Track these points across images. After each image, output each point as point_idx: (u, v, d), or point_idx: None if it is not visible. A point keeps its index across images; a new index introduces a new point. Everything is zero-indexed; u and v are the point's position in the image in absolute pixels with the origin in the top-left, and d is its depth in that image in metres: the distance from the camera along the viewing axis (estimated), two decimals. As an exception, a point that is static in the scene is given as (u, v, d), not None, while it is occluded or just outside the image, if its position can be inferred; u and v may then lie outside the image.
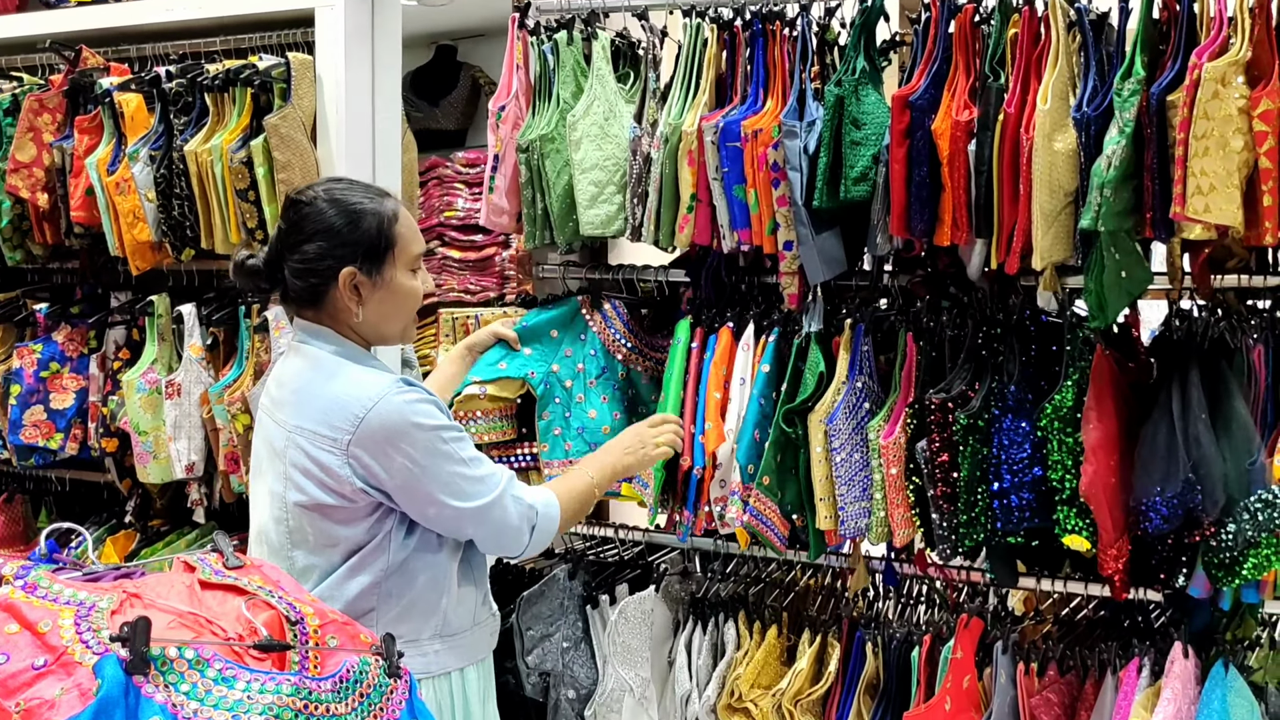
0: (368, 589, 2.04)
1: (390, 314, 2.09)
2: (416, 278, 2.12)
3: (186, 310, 3.13)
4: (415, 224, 2.12)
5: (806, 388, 2.46)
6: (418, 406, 2.00)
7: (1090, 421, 2.23)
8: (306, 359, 2.07)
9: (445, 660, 2.10)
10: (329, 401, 2.00)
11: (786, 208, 2.44)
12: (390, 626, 2.03)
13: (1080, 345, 2.28)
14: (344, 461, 1.98)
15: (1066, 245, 2.28)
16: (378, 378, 2.02)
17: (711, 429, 2.50)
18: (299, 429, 2.03)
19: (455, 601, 2.10)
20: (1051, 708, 2.30)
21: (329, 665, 1.56)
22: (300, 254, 2.03)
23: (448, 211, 4.30)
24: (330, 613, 1.65)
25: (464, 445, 2.04)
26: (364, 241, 2.03)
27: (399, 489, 2.00)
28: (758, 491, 2.47)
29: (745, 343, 2.54)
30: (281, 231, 2.07)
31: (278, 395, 2.11)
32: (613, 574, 2.84)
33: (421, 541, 2.06)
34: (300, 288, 2.06)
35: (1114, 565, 2.25)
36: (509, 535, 2.07)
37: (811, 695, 2.48)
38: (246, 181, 2.94)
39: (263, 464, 2.13)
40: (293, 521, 2.05)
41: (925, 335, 2.44)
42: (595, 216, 2.63)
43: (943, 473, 2.31)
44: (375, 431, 1.97)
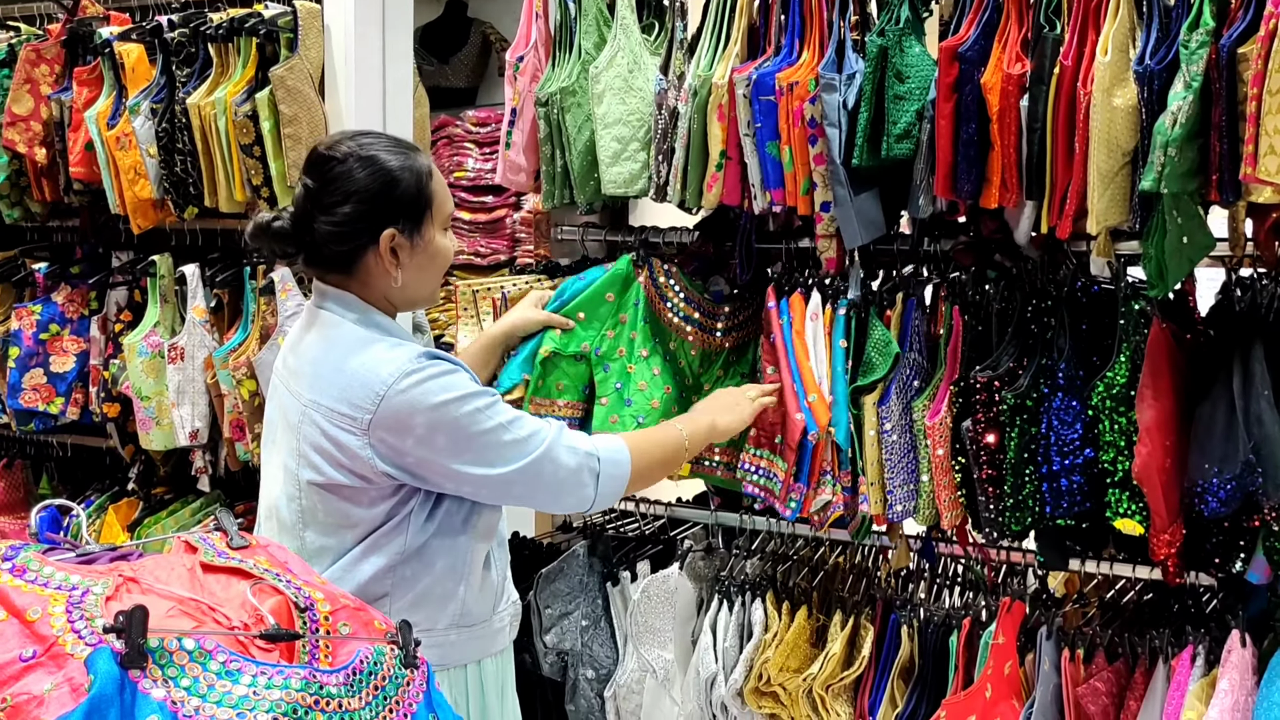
0: (381, 572, 1.92)
1: (425, 277, 1.97)
2: (448, 237, 2.00)
3: (190, 271, 3.01)
4: (443, 180, 2.00)
5: (874, 368, 2.31)
6: (444, 380, 1.88)
7: (1145, 400, 2.10)
8: (326, 327, 1.94)
9: (462, 651, 1.98)
10: (349, 377, 1.87)
11: (823, 166, 2.30)
12: (404, 614, 1.91)
13: (1136, 317, 2.15)
14: (365, 443, 1.86)
15: (1123, 208, 2.14)
16: (400, 351, 1.89)
17: (817, 400, 2.32)
18: (315, 404, 1.90)
19: (475, 590, 1.99)
20: (1099, 697, 2.19)
21: (341, 655, 1.45)
22: (333, 215, 1.89)
23: (457, 172, 4.18)
24: (342, 597, 1.53)
25: (498, 409, 1.90)
26: (403, 201, 1.90)
27: (433, 468, 1.87)
28: (863, 478, 2.33)
29: (813, 312, 2.38)
30: (310, 190, 1.92)
31: (294, 364, 1.98)
32: (633, 550, 2.73)
33: (442, 525, 1.94)
34: (335, 252, 1.92)
35: (1166, 550, 2.13)
36: (569, 489, 1.93)
37: (844, 680, 2.37)
38: (251, 136, 2.82)
39: (276, 435, 2.01)
40: (305, 500, 1.94)
41: (970, 307, 2.30)
42: (618, 175, 2.50)
43: (988, 455, 2.18)
44: (400, 409, 1.84)
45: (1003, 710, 2.26)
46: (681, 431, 2.12)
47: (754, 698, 2.42)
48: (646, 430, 2.12)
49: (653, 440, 2.08)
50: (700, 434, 2.16)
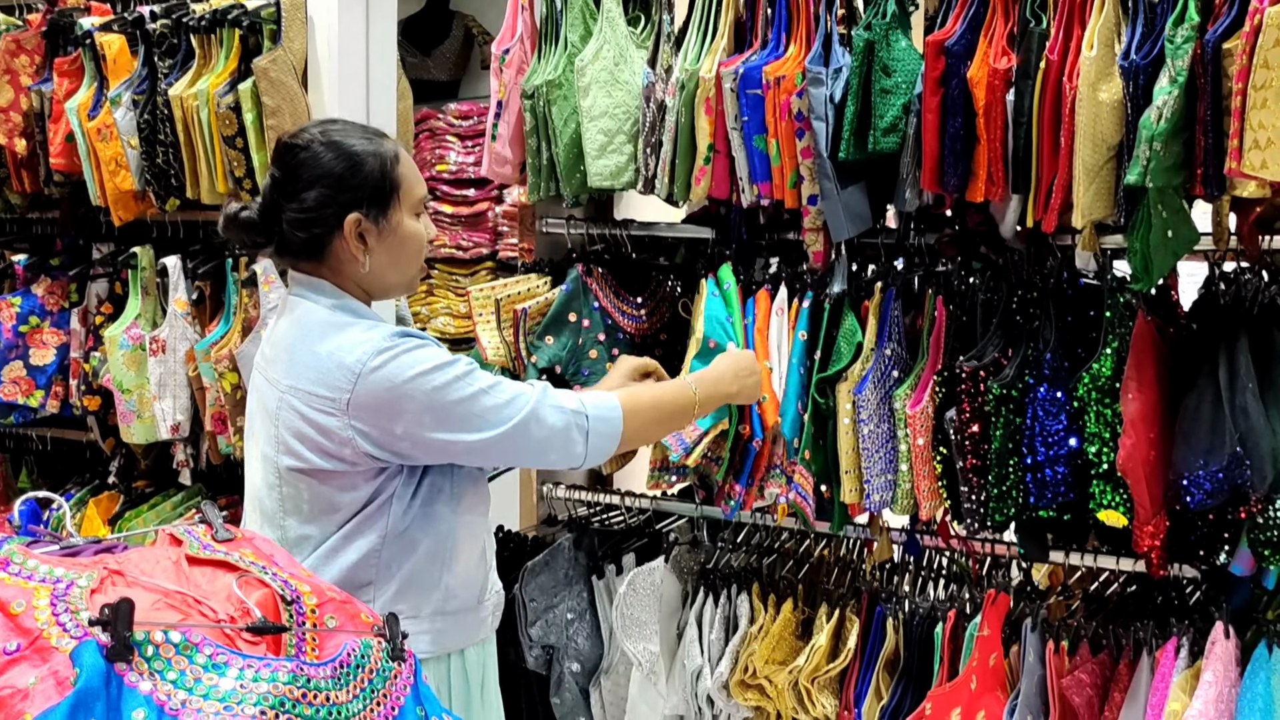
0: (365, 558, 1.91)
1: (396, 262, 1.95)
2: (420, 222, 1.98)
3: (171, 263, 2.98)
4: (415, 165, 1.99)
5: (841, 356, 2.33)
6: (419, 353, 1.87)
7: (1130, 392, 2.11)
8: (300, 315, 1.93)
9: (446, 640, 1.98)
10: (325, 360, 1.87)
11: (811, 160, 2.30)
12: (390, 603, 1.91)
13: (1121, 310, 2.16)
14: (346, 424, 1.85)
15: (1108, 202, 2.15)
16: (375, 331, 1.89)
17: (768, 401, 2.35)
18: (292, 389, 1.89)
19: (459, 576, 1.98)
20: (1083, 688, 2.20)
21: (328, 648, 1.44)
22: (299, 203, 1.89)
23: (439, 165, 4.17)
24: (328, 590, 1.52)
25: (476, 375, 1.89)
26: (367, 186, 1.90)
27: (418, 442, 1.86)
28: (800, 467, 2.34)
29: (778, 307, 2.40)
30: (276, 180, 1.93)
31: (270, 353, 1.97)
32: (619, 543, 2.73)
33: (425, 507, 1.93)
34: (301, 239, 1.92)
35: (1150, 542, 2.14)
36: (556, 446, 1.91)
37: (829, 672, 2.37)
38: (234, 128, 2.79)
39: (255, 425, 2.00)
40: (286, 488, 1.93)
41: (955, 298, 2.31)
42: (604, 167, 2.49)
43: (973, 444, 2.19)
44: (377, 386, 1.84)
45: (988, 702, 2.26)
46: (693, 391, 2.08)
47: (739, 690, 2.43)
48: (652, 386, 2.09)
49: (656, 398, 2.04)
50: (710, 395, 2.11)
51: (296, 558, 1.93)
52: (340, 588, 1.90)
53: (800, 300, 2.39)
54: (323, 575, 1.91)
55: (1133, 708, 2.17)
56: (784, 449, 2.36)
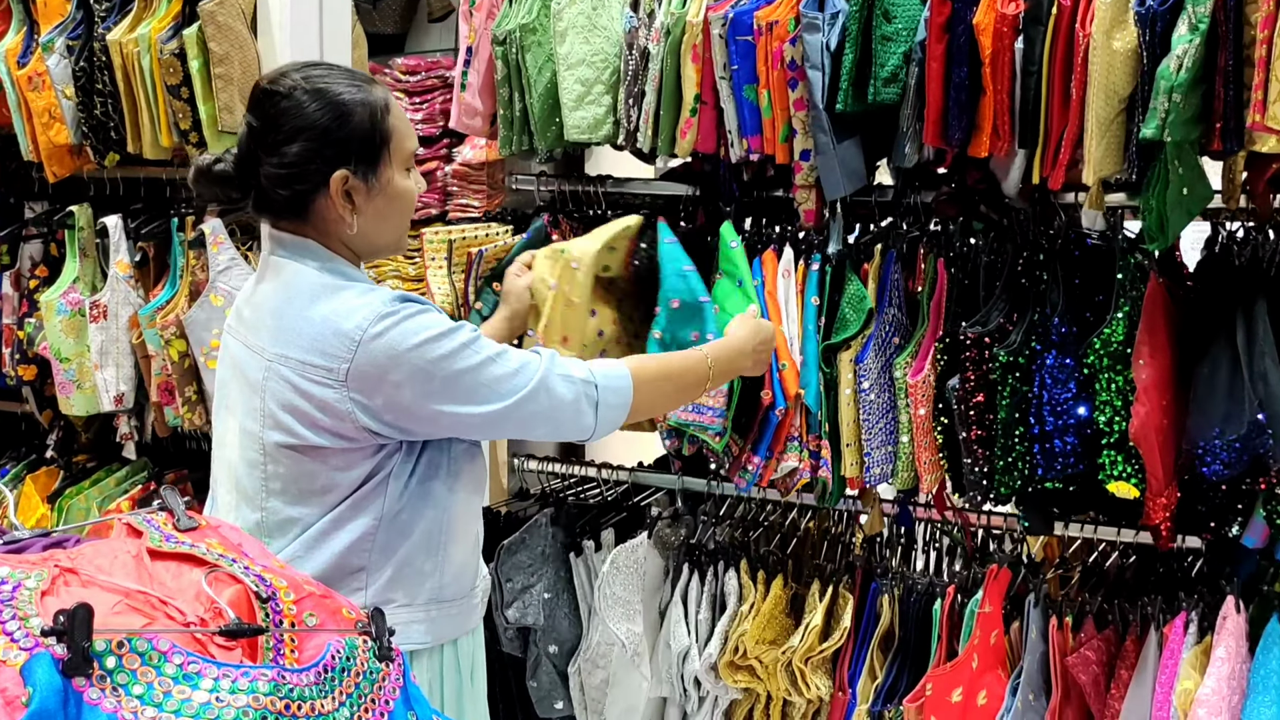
0: (359, 541, 1.76)
1: (386, 222, 1.79)
2: (410, 177, 1.82)
3: (111, 222, 2.79)
4: (405, 115, 1.82)
5: (848, 324, 2.20)
6: (422, 318, 1.71)
7: (1142, 357, 2.01)
8: (286, 277, 1.76)
9: (441, 629, 1.84)
10: (320, 326, 1.70)
11: (804, 111, 2.17)
12: (384, 591, 1.77)
13: (1133, 271, 2.06)
14: (344, 395, 1.69)
15: (1118, 157, 2.05)
16: (373, 295, 1.73)
17: (788, 368, 2.21)
18: (282, 358, 1.72)
19: (455, 561, 1.84)
20: (1089, 666, 2.12)
21: (309, 651, 1.29)
22: (280, 156, 1.71)
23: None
24: (306, 583, 1.37)
25: (482, 344, 1.75)
26: (355, 139, 1.72)
27: (421, 414, 1.71)
28: (825, 441, 2.21)
29: (785, 269, 2.26)
30: (254, 129, 1.74)
31: (251, 317, 1.80)
32: (596, 518, 2.60)
33: (422, 486, 1.79)
34: (282, 197, 1.74)
35: (1163, 514, 2.05)
36: (566, 419, 1.78)
37: (823, 652, 2.27)
38: (179, 76, 2.60)
39: (231, 397, 1.83)
40: (272, 466, 1.76)
41: (956, 261, 2.19)
42: (582, 119, 2.33)
43: (978, 414, 2.09)
44: (378, 355, 1.68)
45: (989, 680, 2.18)
46: (707, 360, 1.95)
47: (729, 671, 2.31)
48: (663, 355, 1.96)
49: (666, 367, 1.92)
50: (724, 367, 1.98)
51: (280, 543, 1.79)
52: (330, 575, 1.76)
53: (807, 262, 2.26)
54: (310, 562, 1.77)
55: (1141, 686, 2.09)
56: (804, 420, 2.22)
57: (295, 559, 1.79)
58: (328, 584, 1.80)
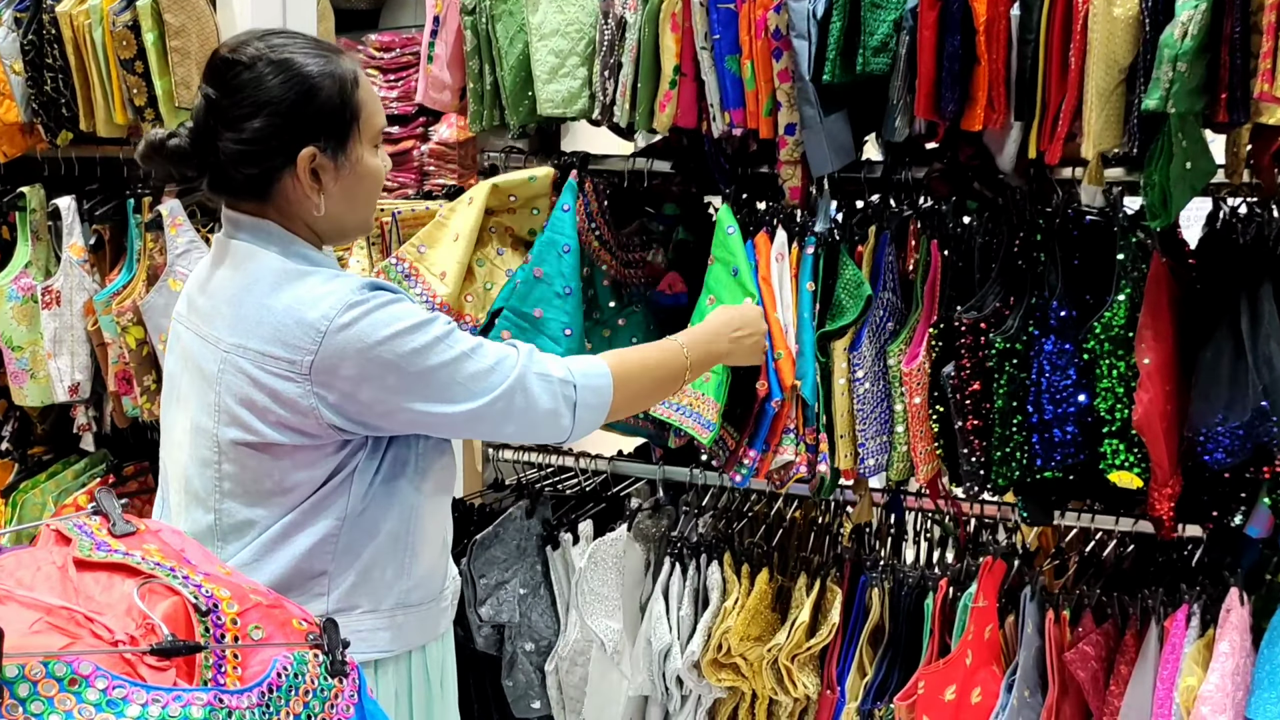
0: (320, 544, 1.65)
1: (354, 202, 1.67)
2: (378, 155, 1.71)
3: (64, 204, 2.66)
4: (373, 89, 1.71)
5: (844, 311, 2.09)
6: (394, 309, 1.60)
7: (1145, 341, 1.91)
8: (243, 260, 1.65)
9: (409, 635, 1.73)
10: (282, 315, 1.58)
11: (789, 84, 2.06)
12: (348, 595, 1.66)
13: (1135, 250, 1.96)
14: (308, 390, 1.58)
15: (1118, 130, 1.95)
16: (340, 283, 1.61)
17: (784, 358, 2.10)
18: (240, 349, 1.61)
19: (423, 562, 1.74)
20: (1087, 662, 2.03)
21: (253, 668, 1.19)
22: (240, 132, 1.59)
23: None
24: (253, 592, 1.26)
25: (458, 336, 1.64)
26: (323, 115, 1.61)
27: (389, 411, 1.61)
28: (824, 434, 2.11)
29: (778, 252, 2.14)
30: (212, 102, 1.61)
31: (205, 305, 1.68)
32: (574, 509, 2.49)
33: (387, 483, 1.68)
34: (243, 176, 1.62)
35: (1167, 505, 1.96)
36: (542, 421, 1.68)
37: (810, 649, 2.17)
38: (133, 50, 2.48)
39: (181, 390, 1.71)
40: (227, 465, 1.65)
41: (950, 242, 2.09)
42: (555, 93, 2.22)
43: (974, 403, 1.99)
44: (346, 347, 1.57)
45: (983, 677, 2.09)
46: (684, 351, 1.85)
47: (712, 669, 2.22)
48: (639, 349, 1.86)
49: (645, 363, 1.81)
50: (701, 356, 1.89)
51: (235, 547, 1.68)
52: (290, 580, 1.65)
53: (801, 245, 2.15)
54: (268, 567, 1.66)
55: (1141, 682, 2.00)
56: (800, 413, 2.12)
57: (251, 564, 1.68)
58: (287, 589, 1.70)
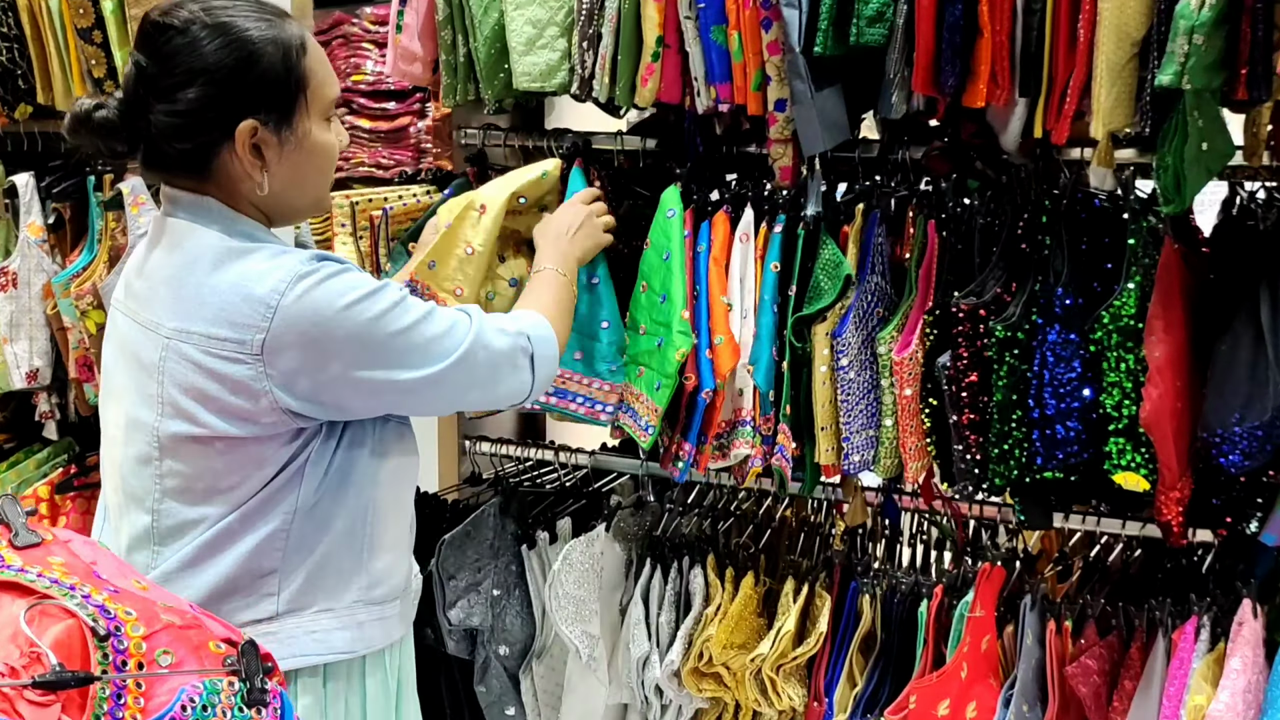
0: (268, 541, 1.55)
1: (302, 180, 1.57)
2: (331, 129, 1.59)
3: (21, 181, 2.54)
4: (325, 56, 1.58)
5: (822, 293, 1.97)
6: (345, 278, 1.51)
7: (1156, 333, 1.78)
8: (182, 239, 1.54)
9: (367, 637, 1.63)
10: (227, 294, 1.48)
11: (779, 56, 1.92)
12: (300, 595, 1.57)
13: (1145, 237, 1.82)
14: (260, 372, 1.47)
15: (1129, 108, 1.81)
16: (286, 257, 1.51)
17: (724, 344, 1.99)
18: (183, 333, 1.50)
19: (383, 557, 1.63)
20: (1090, 676, 1.91)
21: (159, 696, 1.07)
22: (174, 103, 1.48)
23: (355, 75, 3.74)
24: (166, 610, 1.15)
25: (411, 302, 1.56)
26: (265, 84, 1.50)
27: (351, 386, 1.51)
28: (784, 425, 1.99)
29: (743, 232, 2.03)
30: (143, 70, 1.50)
31: (142, 289, 1.57)
32: (552, 506, 2.37)
33: (342, 471, 1.57)
34: (177, 151, 1.51)
35: (1175, 510, 1.83)
36: (504, 376, 1.63)
37: (796, 660, 2.05)
38: (90, 18, 2.36)
39: (116, 383, 1.60)
40: (169, 462, 1.54)
41: (948, 223, 1.96)
42: (532, 65, 2.09)
43: (970, 396, 1.86)
44: (299, 321, 1.47)
45: (979, 691, 1.97)
46: (561, 275, 1.89)
47: (693, 679, 2.10)
48: (537, 290, 1.85)
49: (555, 300, 1.83)
50: (571, 269, 1.93)
51: (172, 549, 1.57)
52: (236, 581, 1.54)
53: (770, 224, 2.02)
54: (211, 568, 1.55)
55: (1146, 698, 1.88)
56: (756, 403, 2.00)
57: (192, 565, 1.57)
58: (234, 591, 1.58)
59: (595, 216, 2.01)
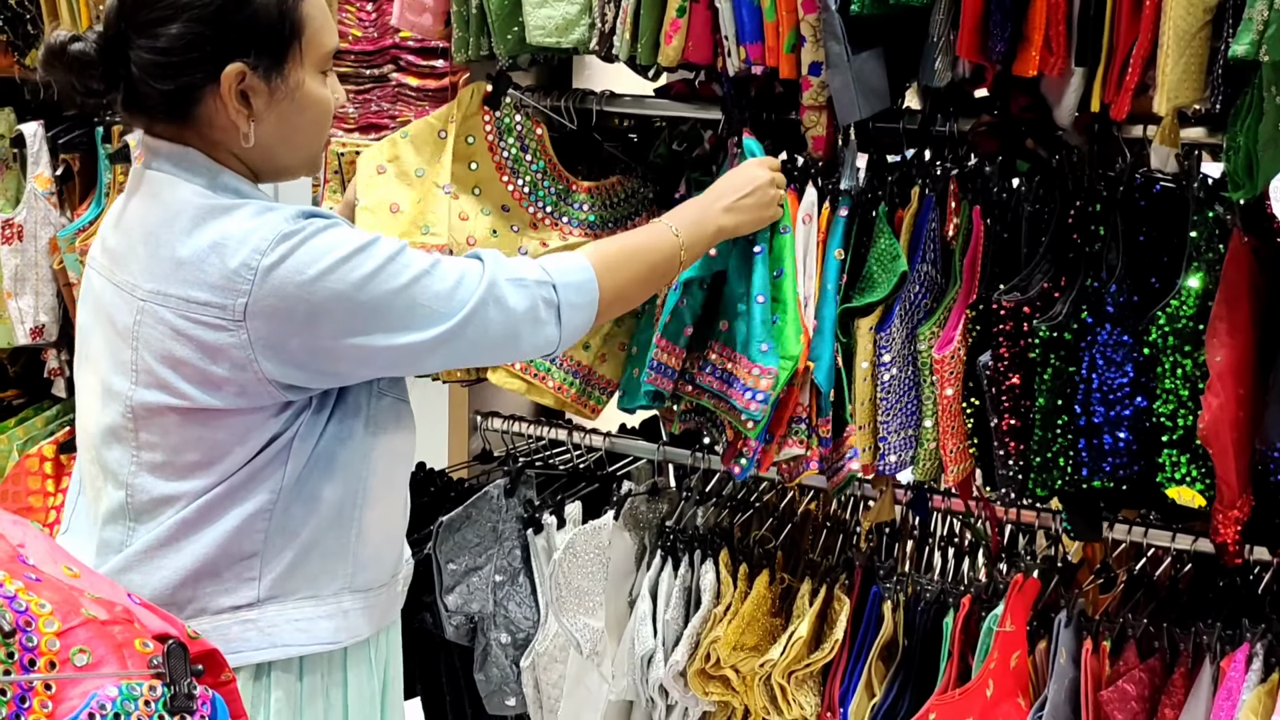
0: (250, 521, 1.45)
1: (291, 135, 1.46)
2: (327, 83, 1.49)
3: (29, 130, 2.46)
4: (325, 4, 1.46)
5: (875, 285, 1.81)
6: (334, 234, 1.40)
7: (1218, 336, 1.62)
8: (162, 195, 1.43)
9: (352, 625, 1.53)
10: (207, 253, 1.37)
11: (814, 14, 1.77)
12: (284, 580, 1.47)
13: (1211, 227, 1.65)
14: (244, 339, 1.37)
15: (1198, 82, 1.65)
16: (271, 214, 1.40)
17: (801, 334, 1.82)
18: (159, 296, 1.39)
19: (372, 541, 1.53)
20: (1127, 703, 1.75)
21: (70, 700, 0.97)
22: (155, 39, 1.38)
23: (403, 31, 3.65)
24: (93, 602, 1.04)
25: (410, 255, 1.43)
26: (258, 24, 1.39)
27: (344, 352, 1.40)
28: (852, 426, 1.85)
29: (805, 213, 1.86)
30: (124, 2, 1.40)
31: (119, 247, 1.47)
32: (563, 489, 2.25)
33: (330, 449, 1.47)
34: (157, 93, 1.41)
35: (1233, 529, 1.67)
36: (524, 334, 1.47)
37: (810, 667, 1.92)
38: (100, -40, 2.25)
39: (91, 347, 1.51)
40: (145, 434, 1.44)
41: (995, 210, 1.80)
42: (547, 19, 1.95)
43: (1012, 399, 1.71)
44: (285, 283, 1.36)
45: (1006, 711, 1.82)
46: (674, 233, 1.64)
47: (699, 681, 1.98)
48: (623, 236, 1.65)
49: (627, 249, 1.60)
50: (698, 234, 1.67)
51: (146, 527, 1.47)
52: (216, 563, 1.44)
53: (834, 206, 1.86)
54: (188, 548, 1.46)
55: (1188, 729, 1.73)
56: (814, 401, 1.85)
57: (164, 546, 1.47)
58: (213, 574, 1.46)
59: (770, 188, 1.77)
